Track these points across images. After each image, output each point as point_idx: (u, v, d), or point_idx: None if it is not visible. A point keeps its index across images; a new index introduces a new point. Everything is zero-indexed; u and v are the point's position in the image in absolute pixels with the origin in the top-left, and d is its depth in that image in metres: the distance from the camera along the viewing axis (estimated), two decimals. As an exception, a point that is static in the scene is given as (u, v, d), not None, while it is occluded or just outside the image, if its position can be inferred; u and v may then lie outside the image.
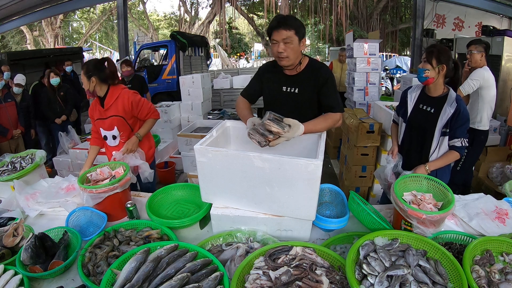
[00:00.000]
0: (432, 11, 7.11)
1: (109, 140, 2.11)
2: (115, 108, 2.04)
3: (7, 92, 3.66)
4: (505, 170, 3.03)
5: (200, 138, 1.56)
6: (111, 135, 2.08)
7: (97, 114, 2.09)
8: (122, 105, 2.04)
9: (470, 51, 2.85)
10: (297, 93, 1.72)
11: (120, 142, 2.10)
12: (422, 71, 1.74)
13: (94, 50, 19.55)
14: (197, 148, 1.31)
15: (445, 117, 1.73)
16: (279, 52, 1.58)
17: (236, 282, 1.02)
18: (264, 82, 1.81)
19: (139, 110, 2.10)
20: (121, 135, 2.09)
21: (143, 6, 19.60)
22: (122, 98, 2.04)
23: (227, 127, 1.69)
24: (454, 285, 1.04)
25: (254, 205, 1.35)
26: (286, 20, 1.56)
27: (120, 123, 2.06)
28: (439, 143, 1.78)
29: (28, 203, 1.67)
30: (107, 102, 2.02)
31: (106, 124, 2.06)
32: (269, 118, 1.41)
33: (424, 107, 1.84)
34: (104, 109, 2.04)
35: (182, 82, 4.80)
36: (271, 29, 1.59)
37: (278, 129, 1.37)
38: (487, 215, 1.50)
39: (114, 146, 2.12)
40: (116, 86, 2.06)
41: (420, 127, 1.84)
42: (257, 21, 18.76)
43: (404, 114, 1.94)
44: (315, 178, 1.19)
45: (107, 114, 2.04)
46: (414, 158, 1.88)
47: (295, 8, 15.51)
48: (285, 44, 1.56)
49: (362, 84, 4.90)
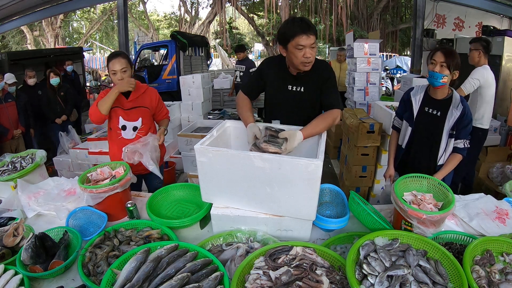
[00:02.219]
0: (432, 11, 7.10)
1: (127, 131, 2.06)
2: (142, 101, 2.07)
3: (7, 92, 3.66)
4: (505, 170, 3.03)
5: (200, 138, 1.56)
6: (133, 126, 2.05)
7: (115, 102, 1.98)
8: (150, 99, 2.11)
9: (470, 49, 2.89)
10: (303, 91, 1.71)
11: (137, 136, 2.07)
12: (440, 77, 1.67)
13: (94, 50, 19.54)
14: (197, 148, 1.31)
15: (452, 120, 1.72)
16: (306, 57, 1.53)
17: (236, 282, 1.03)
18: (268, 79, 1.77)
19: (161, 109, 2.21)
20: (141, 127, 2.07)
21: (143, 6, 19.58)
22: (149, 93, 2.13)
23: (227, 127, 1.69)
24: (454, 285, 1.04)
25: (255, 205, 1.35)
26: (311, 24, 1.51)
27: (146, 115, 2.09)
28: (447, 145, 1.78)
29: (29, 202, 1.67)
30: (134, 93, 2.02)
31: (130, 114, 2.04)
32: (265, 139, 1.39)
33: (430, 110, 1.81)
34: (128, 100, 2.03)
35: (182, 82, 4.81)
36: (295, 32, 1.50)
37: (275, 149, 1.36)
38: (487, 215, 1.50)
39: (128, 138, 2.07)
40: (139, 82, 2.08)
41: (427, 131, 1.82)
42: (257, 21, 18.73)
43: (409, 118, 1.89)
44: (315, 178, 1.19)
45: (131, 105, 2.04)
46: (422, 162, 1.86)
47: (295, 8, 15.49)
48: (311, 49, 1.53)
49: (363, 84, 4.90)
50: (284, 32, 1.57)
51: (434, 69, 1.69)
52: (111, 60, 1.93)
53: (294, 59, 1.57)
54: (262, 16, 17.75)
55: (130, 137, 2.07)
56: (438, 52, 1.70)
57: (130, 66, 1.98)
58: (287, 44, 1.56)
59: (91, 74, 12.88)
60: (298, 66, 1.59)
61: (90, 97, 11.01)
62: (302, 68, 1.59)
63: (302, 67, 1.58)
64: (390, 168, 2.00)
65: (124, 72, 1.93)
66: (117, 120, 2.05)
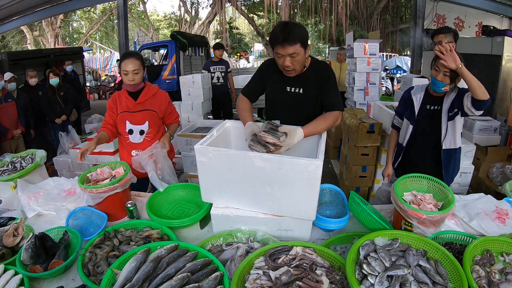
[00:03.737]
0: (432, 11, 7.09)
1: (134, 134, 2.03)
2: (150, 104, 2.03)
3: (7, 92, 3.66)
4: (505, 170, 3.03)
5: (200, 138, 1.55)
6: (139, 130, 2.02)
7: (123, 107, 2.01)
8: (159, 102, 2.07)
9: (440, 41, 2.30)
10: (302, 93, 1.71)
11: (145, 140, 2.04)
12: (442, 85, 1.68)
13: (94, 50, 19.54)
14: (197, 148, 1.31)
15: (448, 101, 1.73)
16: (286, 65, 1.56)
17: (236, 282, 1.03)
18: (267, 80, 1.78)
19: (170, 113, 2.16)
20: (149, 131, 2.04)
21: (143, 6, 19.59)
22: (160, 96, 2.08)
23: (227, 127, 1.69)
24: (454, 285, 1.04)
25: (255, 205, 1.35)
26: (290, 33, 1.48)
27: (154, 118, 2.04)
28: (447, 128, 1.78)
29: (29, 202, 1.67)
30: (142, 95, 2.00)
31: (137, 117, 2.01)
32: (265, 129, 1.39)
33: (432, 107, 1.82)
34: (137, 102, 2.00)
35: (182, 82, 4.80)
36: (274, 42, 1.52)
37: (273, 139, 1.34)
38: (487, 215, 1.50)
39: (136, 143, 2.05)
40: (150, 84, 2.07)
41: (429, 126, 1.83)
42: (257, 21, 18.73)
43: (410, 116, 1.89)
44: (315, 178, 1.19)
45: (139, 108, 2.01)
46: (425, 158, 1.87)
47: (295, 8, 15.49)
48: (291, 58, 1.53)
49: (363, 84, 4.91)
50: (269, 38, 1.62)
51: (436, 77, 1.69)
52: (124, 60, 1.91)
53: (278, 64, 1.62)
54: (262, 16, 17.75)
55: (137, 141, 2.05)
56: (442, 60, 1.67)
57: (143, 67, 1.96)
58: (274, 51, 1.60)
59: (91, 74, 12.90)
60: (283, 72, 1.64)
61: (90, 97, 11.03)
62: (286, 74, 1.64)
63: (285, 73, 1.64)
64: (388, 167, 2.00)
65: (135, 74, 1.92)
66: (124, 124, 2.03)
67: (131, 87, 1.96)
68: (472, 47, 4.83)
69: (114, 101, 2.05)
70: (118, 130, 2.08)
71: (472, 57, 4.69)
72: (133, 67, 1.89)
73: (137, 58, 1.93)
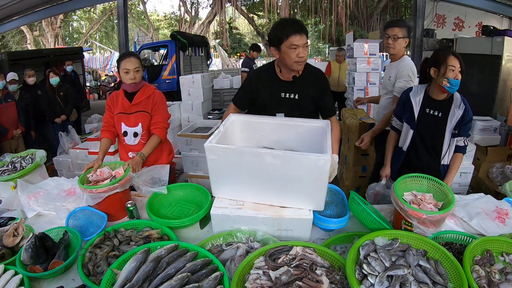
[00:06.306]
0: (432, 11, 7.09)
1: (129, 137, 2.03)
2: (144, 105, 2.02)
3: (7, 92, 3.66)
4: (505, 170, 3.03)
5: (200, 138, 1.56)
6: (133, 132, 2.02)
7: (119, 108, 2.02)
8: (152, 103, 2.03)
9: (395, 35, 2.14)
10: (297, 99, 1.72)
11: (140, 142, 2.04)
12: (458, 83, 1.64)
13: (94, 50, 19.53)
14: (207, 146, 1.32)
15: (454, 119, 1.72)
16: (300, 56, 1.56)
17: (236, 282, 1.03)
18: (259, 88, 1.77)
19: (156, 114, 2.01)
20: (143, 134, 2.03)
21: (143, 6, 19.58)
22: (154, 96, 2.04)
23: (232, 121, 1.68)
24: (454, 285, 1.04)
25: (265, 198, 1.38)
26: (303, 25, 1.56)
27: (146, 120, 2.02)
28: (449, 145, 1.78)
29: (29, 202, 1.67)
30: (137, 97, 1.99)
31: (131, 119, 2.01)
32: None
33: (431, 112, 1.79)
34: (132, 103, 1.99)
35: (182, 82, 4.81)
36: (290, 31, 1.53)
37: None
38: (487, 215, 1.50)
39: (132, 144, 2.05)
40: (148, 85, 2.07)
41: (429, 133, 1.81)
42: (257, 21, 18.73)
43: (410, 120, 1.86)
44: (324, 171, 1.24)
45: (133, 110, 2.00)
46: (426, 163, 1.85)
47: (295, 8, 15.49)
48: (304, 49, 1.56)
49: (362, 84, 4.91)
50: (276, 34, 1.59)
51: (456, 77, 1.63)
52: (124, 59, 1.92)
53: (288, 60, 1.59)
54: (262, 16, 17.76)
55: (132, 143, 2.06)
56: (451, 57, 1.63)
57: (141, 67, 1.98)
58: (280, 45, 1.58)
59: (91, 74, 12.90)
60: (292, 66, 1.61)
61: (90, 97, 11.02)
62: (296, 68, 1.62)
63: (296, 67, 1.61)
64: (386, 168, 1.99)
65: (137, 72, 1.93)
66: (119, 126, 2.04)
67: (131, 87, 1.96)
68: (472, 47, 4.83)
69: (112, 100, 2.06)
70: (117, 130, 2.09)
71: (472, 57, 4.69)
72: (133, 65, 1.91)
73: (136, 58, 1.95)
